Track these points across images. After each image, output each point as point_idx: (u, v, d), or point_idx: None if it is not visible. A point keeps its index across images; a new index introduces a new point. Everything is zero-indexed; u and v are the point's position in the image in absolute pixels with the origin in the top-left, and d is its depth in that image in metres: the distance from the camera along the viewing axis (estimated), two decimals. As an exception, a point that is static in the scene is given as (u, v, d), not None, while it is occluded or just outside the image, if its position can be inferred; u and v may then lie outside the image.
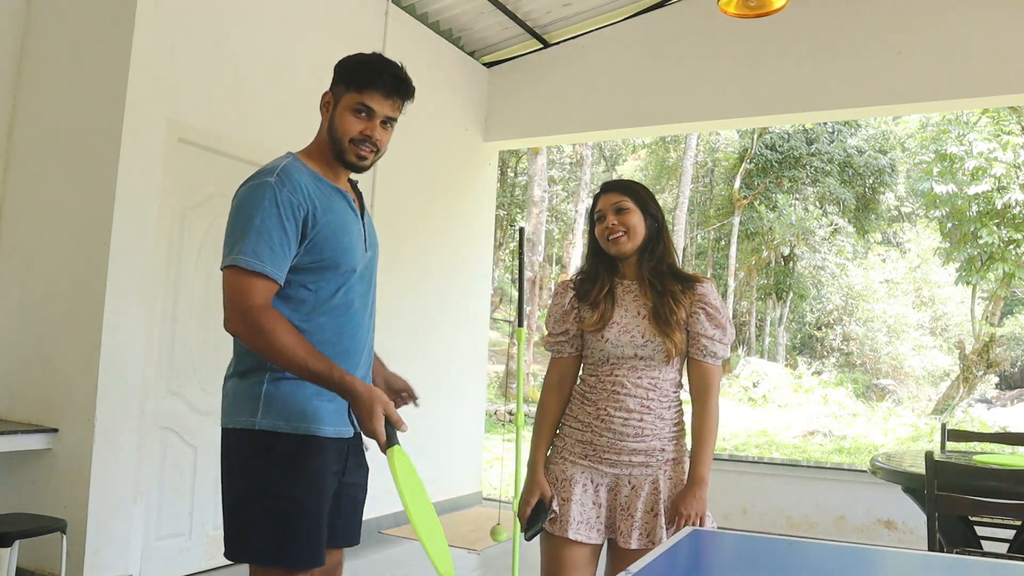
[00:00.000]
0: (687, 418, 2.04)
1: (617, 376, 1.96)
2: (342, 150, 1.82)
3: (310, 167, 1.84)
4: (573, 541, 1.94)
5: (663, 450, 1.96)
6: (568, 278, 2.13)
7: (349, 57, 1.87)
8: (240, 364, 1.85)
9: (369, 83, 1.79)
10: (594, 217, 2.07)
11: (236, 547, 1.78)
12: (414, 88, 1.89)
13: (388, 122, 1.85)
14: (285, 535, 1.72)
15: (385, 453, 1.66)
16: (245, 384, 1.81)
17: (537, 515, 1.97)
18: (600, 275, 2.04)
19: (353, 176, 1.96)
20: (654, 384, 1.96)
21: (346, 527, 1.92)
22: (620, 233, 2.00)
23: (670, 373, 1.99)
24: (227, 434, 1.82)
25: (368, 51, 1.93)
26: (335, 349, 1.80)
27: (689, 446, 2.01)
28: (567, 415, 2.06)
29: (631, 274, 2.05)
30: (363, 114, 1.80)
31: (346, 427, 1.84)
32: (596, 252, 2.09)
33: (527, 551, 4.63)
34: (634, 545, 1.91)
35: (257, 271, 1.71)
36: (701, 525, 1.89)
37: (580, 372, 2.09)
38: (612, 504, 1.96)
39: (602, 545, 2.00)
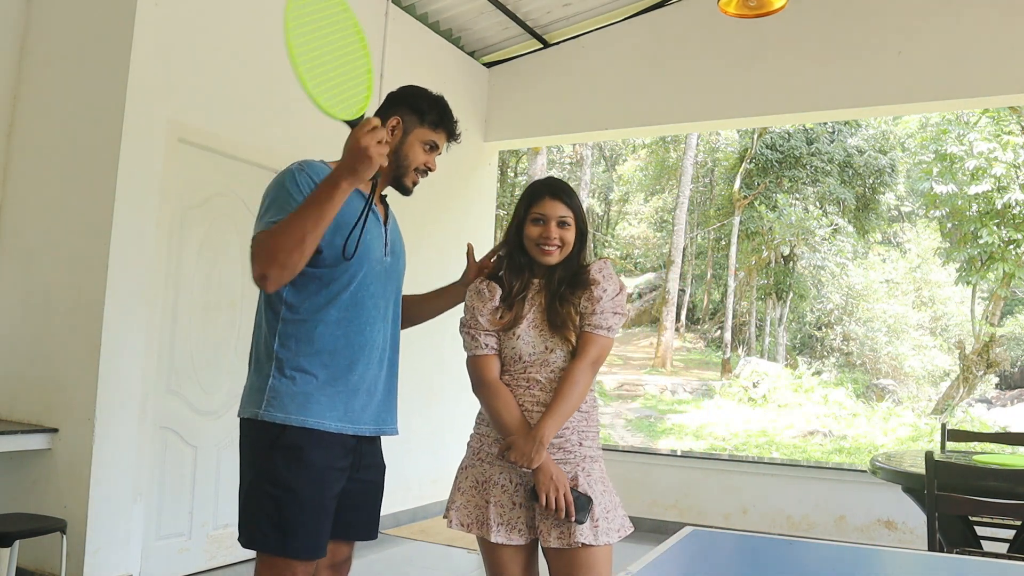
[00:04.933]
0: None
1: (531, 372, 1.95)
2: (404, 174, 1.98)
3: None
4: (498, 544, 1.91)
5: (581, 444, 1.94)
6: (487, 279, 2.06)
7: (421, 91, 2.01)
8: (253, 357, 1.93)
9: (442, 124, 1.99)
10: (529, 214, 2.01)
11: (245, 535, 1.84)
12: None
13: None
14: (286, 526, 1.78)
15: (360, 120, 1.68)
16: (256, 376, 1.87)
17: (579, 499, 1.86)
18: (523, 273, 2.01)
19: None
20: None
21: (362, 522, 1.98)
22: (556, 247, 1.98)
23: None
24: (240, 424, 1.89)
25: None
26: (338, 343, 1.86)
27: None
28: (481, 416, 2.02)
29: (540, 273, 2.03)
30: (430, 149, 1.99)
31: (353, 424, 1.88)
32: (519, 247, 2.03)
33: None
34: (553, 544, 1.86)
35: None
36: (530, 467, 1.84)
37: None
38: (531, 503, 1.92)
39: (535, 543, 1.96)
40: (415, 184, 2.00)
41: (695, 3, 5.36)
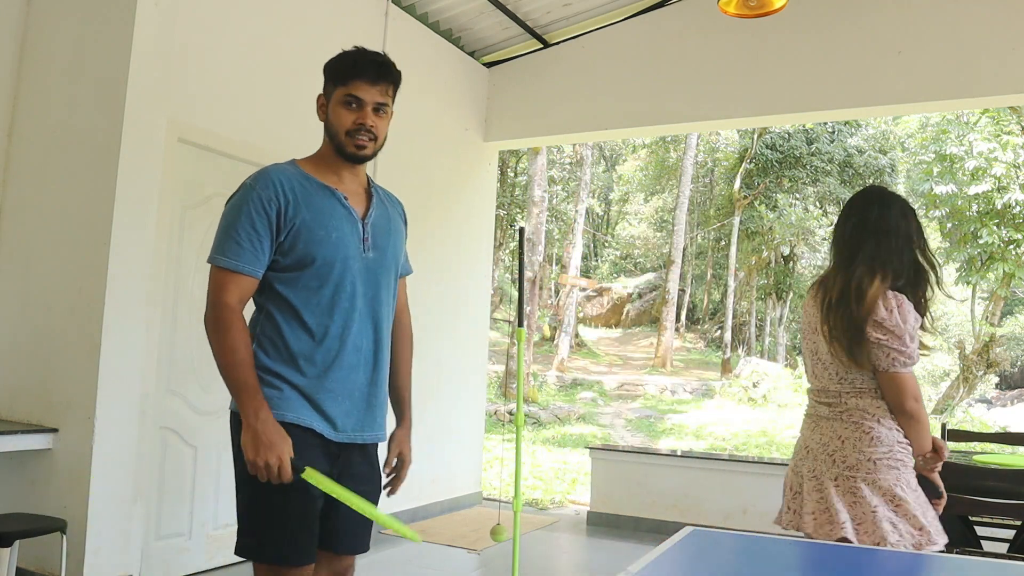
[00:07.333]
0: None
1: None
2: (340, 143, 1.85)
3: (304, 170, 1.87)
4: None
5: None
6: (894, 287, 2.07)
7: (333, 57, 1.90)
8: None
9: (353, 74, 1.83)
10: (924, 235, 2.12)
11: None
12: (399, 72, 1.91)
13: (380, 108, 1.86)
14: (257, 530, 1.76)
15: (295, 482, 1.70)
16: None
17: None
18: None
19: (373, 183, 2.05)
20: None
21: (351, 533, 1.90)
22: None
23: None
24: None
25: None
26: (318, 350, 1.80)
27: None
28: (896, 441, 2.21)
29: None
30: (353, 105, 1.83)
31: (333, 430, 1.81)
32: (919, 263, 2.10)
33: (527, 551, 4.62)
34: None
35: (227, 268, 1.77)
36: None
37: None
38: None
39: None
40: (360, 148, 1.84)
41: (695, 3, 5.35)
